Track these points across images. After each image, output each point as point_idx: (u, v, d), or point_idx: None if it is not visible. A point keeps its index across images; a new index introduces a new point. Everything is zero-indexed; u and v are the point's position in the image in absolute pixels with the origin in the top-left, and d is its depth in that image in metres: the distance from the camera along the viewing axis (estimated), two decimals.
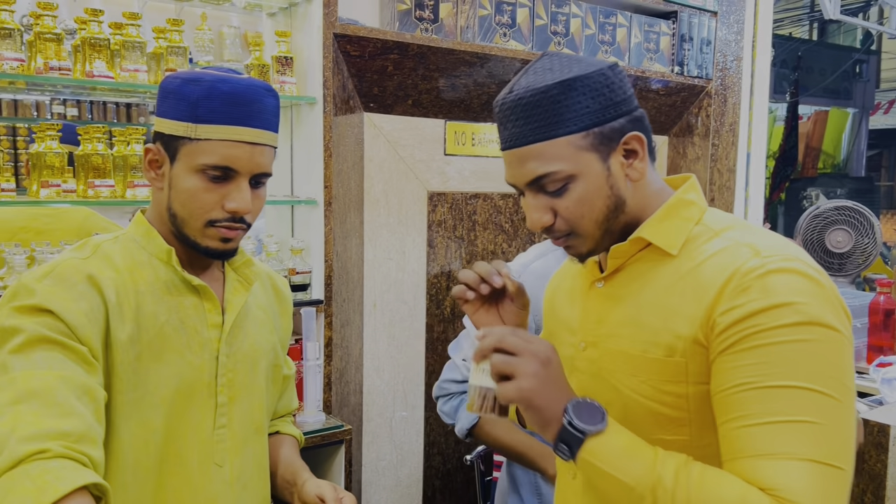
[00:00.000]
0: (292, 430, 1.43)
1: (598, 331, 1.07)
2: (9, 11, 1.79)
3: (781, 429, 0.87)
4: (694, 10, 2.98)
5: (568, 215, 1.00)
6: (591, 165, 0.98)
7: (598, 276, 1.09)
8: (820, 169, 9.71)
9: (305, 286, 2.24)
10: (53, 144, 1.85)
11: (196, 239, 1.12)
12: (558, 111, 0.97)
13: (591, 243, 1.03)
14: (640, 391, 1.01)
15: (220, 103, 1.08)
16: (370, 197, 2.33)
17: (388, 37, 2.20)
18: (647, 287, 1.02)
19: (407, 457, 2.49)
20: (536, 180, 0.99)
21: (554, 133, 0.97)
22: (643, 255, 1.05)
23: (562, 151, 0.97)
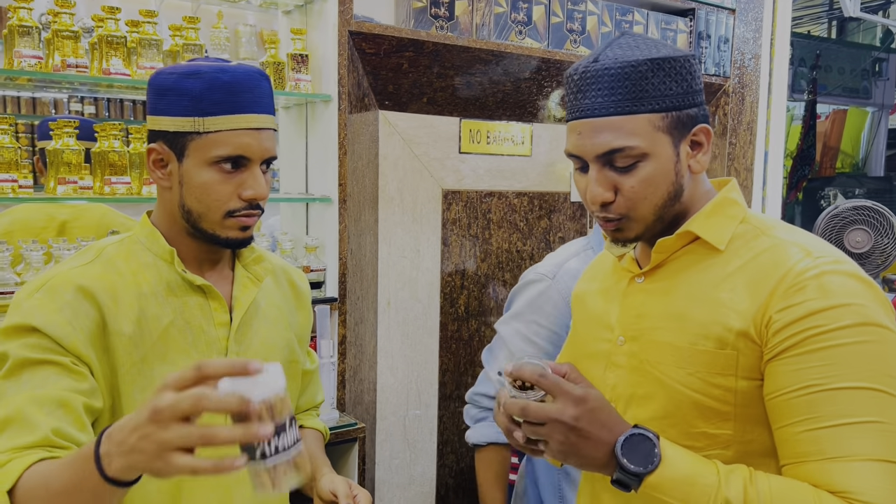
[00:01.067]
0: (316, 423, 1.41)
1: (640, 325, 1.07)
2: (27, 9, 1.80)
3: (849, 430, 0.87)
4: (711, 7, 2.96)
5: (631, 195, 0.99)
6: (664, 148, 0.99)
7: (636, 271, 1.10)
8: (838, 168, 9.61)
9: (320, 284, 2.24)
10: (71, 141, 1.86)
11: (215, 231, 1.12)
12: (644, 87, 0.97)
13: (642, 228, 1.02)
14: (686, 383, 1.00)
15: (223, 94, 1.07)
16: (385, 195, 2.32)
17: (404, 34, 2.19)
18: (693, 281, 1.02)
19: (420, 455, 2.48)
20: (609, 153, 0.98)
21: (637, 108, 0.97)
22: (687, 250, 1.05)
23: (641, 128, 0.97)
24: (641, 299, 1.08)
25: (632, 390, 1.07)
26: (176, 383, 0.79)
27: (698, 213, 1.04)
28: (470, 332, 2.54)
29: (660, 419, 1.03)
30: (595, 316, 1.17)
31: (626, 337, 1.09)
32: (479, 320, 2.54)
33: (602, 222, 1.04)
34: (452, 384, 2.52)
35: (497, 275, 2.57)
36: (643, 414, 1.05)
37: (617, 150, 0.97)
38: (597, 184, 1.00)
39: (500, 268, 2.58)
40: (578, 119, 1.00)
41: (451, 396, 2.53)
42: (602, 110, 0.98)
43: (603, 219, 1.03)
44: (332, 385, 2.21)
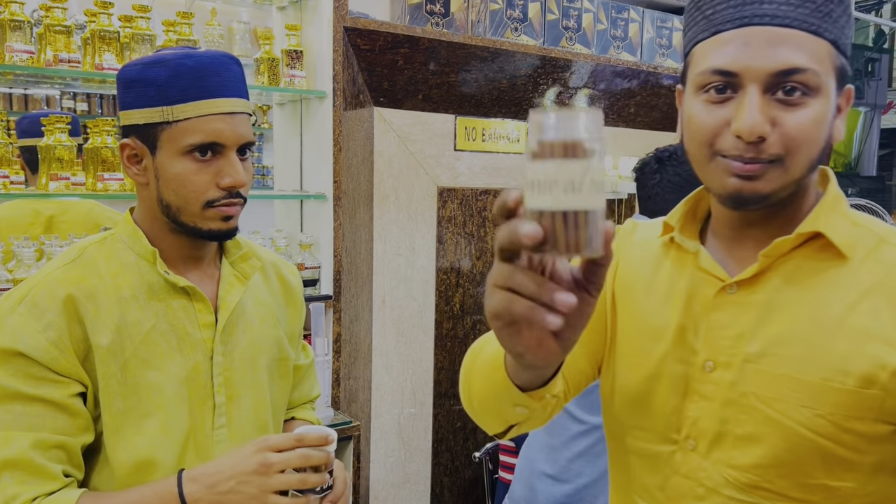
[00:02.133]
0: (308, 415, 1.39)
1: (739, 348, 0.85)
2: (19, 3, 1.79)
3: None
4: None
5: (795, 134, 0.78)
6: (831, 90, 0.80)
7: (726, 278, 0.87)
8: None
9: (314, 281, 2.23)
10: (63, 137, 1.84)
11: (196, 224, 1.09)
12: (829, 10, 0.79)
13: (782, 183, 0.80)
14: (813, 426, 0.81)
15: (189, 80, 1.04)
16: (380, 192, 2.31)
17: (399, 31, 2.18)
18: (817, 295, 0.83)
19: (415, 453, 2.47)
20: (785, 73, 0.77)
21: (822, 30, 0.78)
22: (802, 253, 0.85)
23: (823, 55, 0.78)
24: (738, 315, 0.86)
25: (724, 428, 0.86)
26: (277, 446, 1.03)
27: (820, 206, 0.84)
28: (465, 330, 2.53)
29: (768, 467, 0.84)
30: (657, 325, 0.93)
31: (718, 363, 0.87)
32: (474, 318, 2.54)
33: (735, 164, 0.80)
34: (447, 382, 2.51)
35: None
36: (743, 459, 0.85)
37: (797, 71, 0.77)
38: (759, 111, 0.78)
39: None
40: (748, 26, 0.79)
41: (446, 394, 2.52)
42: (788, 19, 0.78)
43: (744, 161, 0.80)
44: (326, 383, 2.20)
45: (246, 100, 1.10)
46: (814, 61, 0.78)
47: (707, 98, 0.82)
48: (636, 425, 0.95)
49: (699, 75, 0.82)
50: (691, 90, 0.85)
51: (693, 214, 0.95)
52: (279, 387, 1.27)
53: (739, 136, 0.79)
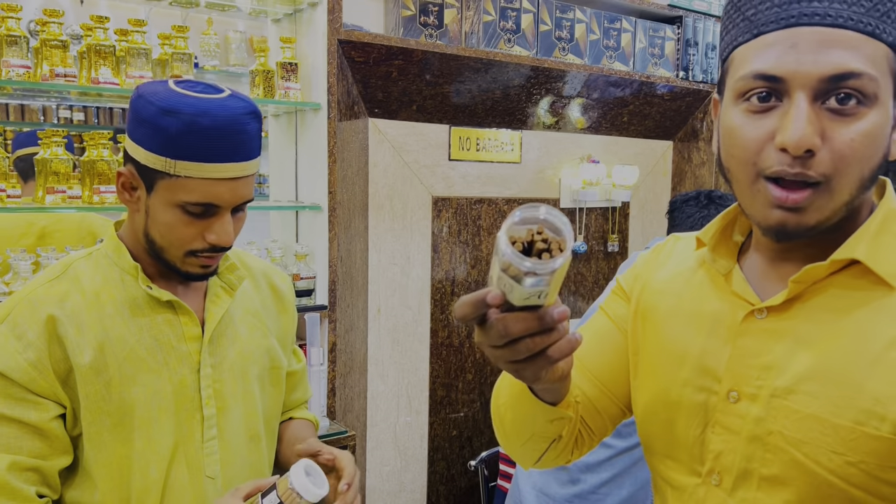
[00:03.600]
0: (305, 413, 1.39)
1: (766, 381, 0.77)
2: (15, 19, 1.80)
3: None
4: (699, 14, 2.98)
5: (847, 150, 0.69)
6: (888, 99, 0.71)
7: (757, 302, 0.80)
8: None
9: (310, 291, 2.24)
10: (59, 151, 1.85)
11: (176, 265, 1.09)
12: (889, 9, 0.70)
13: (830, 212, 0.72)
14: (844, 475, 0.72)
15: (200, 139, 1.01)
16: (375, 202, 2.33)
17: (393, 43, 2.20)
18: (854, 329, 0.74)
19: (411, 462, 2.48)
20: (838, 78, 0.68)
21: (880, 32, 0.69)
22: (838, 280, 0.76)
23: (881, 59, 0.69)
24: (767, 344, 0.78)
25: (750, 466, 0.79)
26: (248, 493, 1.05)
27: (862, 230, 0.75)
28: (460, 339, 2.55)
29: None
30: (682, 350, 0.86)
31: (742, 394, 0.79)
32: (469, 327, 2.55)
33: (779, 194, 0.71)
34: (443, 391, 2.52)
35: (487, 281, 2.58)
36: (770, 501, 0.78)
37: (851, 76, 0.68)
38: (808, 121, 0.68)
39: None
40: (795, 27, 0.70)
41: (442, 403, 2.53)
42: (841, 19, 0.69)
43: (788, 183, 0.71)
44: (322, 393, 2.21)
45: (256, 160, 1.08)
46: (870, 65, 0.68)
47: (748, 107, 0.73)
48: (663, 453, 0.89)
49: (739, 80, 0.73)
50: (730, 98, 0.75)
51: (731, 230, 0.87)
52: (271, 396, 1.27)
53: (784, 150, 0.69)
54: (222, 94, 1.04)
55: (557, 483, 1.80)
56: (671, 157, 3.19)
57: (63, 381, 1.04)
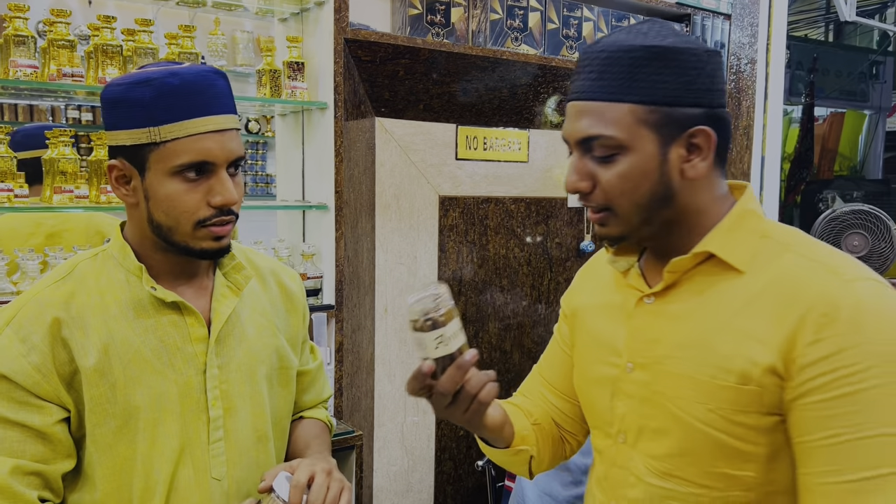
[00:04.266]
0: (316, 413, 1.37)
1: (652, 352, 0.98)
2: (23, 19, 1.81)
3: (869, 485, 0.81)
4: (707, 12, 2.96)
5: (608, 188, 0.92)
6: (646, 144, 0.91)
7: (645, 290, 1.00)
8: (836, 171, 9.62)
9: (316, 291, 2.24)
10: (67, 150, 1.86)
11: (187, 243, 1.07)
12: (634, 75, 0.89)
13: (627, 227, 0.95)
14: (706, 420, 0.91)
15: (175, 98, 1.01)
16: (381, 201, 2.33)
17: (400, 42, 2.19)
18: (711, 305, 0.93)
19: (418, 462, 2.48)
20: (586, 140, 0.92)
21: (620, 97, 0.90)
22: (702, 269, 0.96)
23: (622, 118, 0.90)
24: (652, 322, 0.98)
25: (643, 422, 0.98)
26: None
27: (716, 229, 0.94)
28: (467, 338, 2.54)
29: (676, 456, 0.95)
30: (597, 336, 1.07)
31: (636, 364, 0.99)
32: (476, 326, 2.54)
33: (590, 216, 0.98)
34: None
35: (494, 281, 2.57)
36: (657, 449, 0.97)
37: (593, 138, 0.91)
38: (574, 171, 0.94)
39: (497, 274, 2.58)
40: (570, 101, 0.95)
41: None
42: (586, 94, 0.92)
43: (589, 211, 0.97)
44: None
45: (234, 115, 1.09)
46: (610, 126, 0.90)
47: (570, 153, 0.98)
48: (592, 425, 1.11)
49: None
50: None
51: None
52: (280, 396, 1.25)
53: None
54: (184, 64, 1.07)
55: (560, 484, 1.79)
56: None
57: (67, 384, 1.04)
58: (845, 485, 0.82)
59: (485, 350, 2.57)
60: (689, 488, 0.94)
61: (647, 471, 0.98)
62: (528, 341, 2.67)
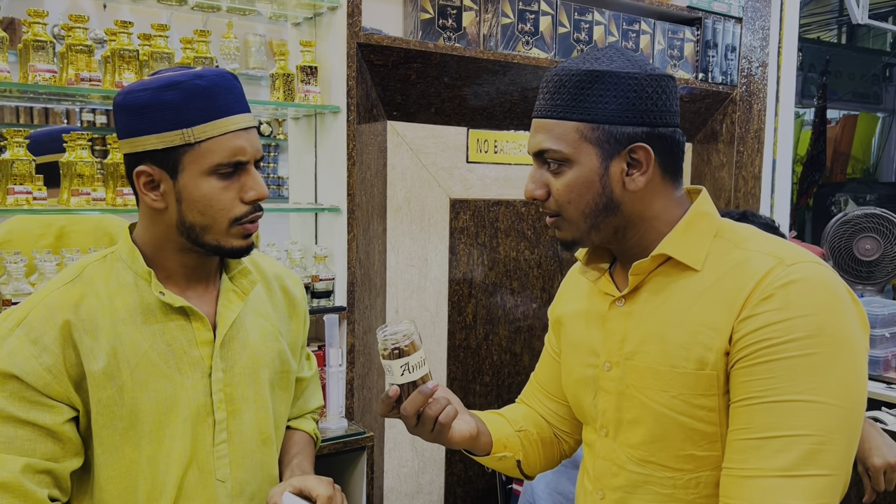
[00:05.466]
0: (304, 425, 1.38)
1: (623, 350, 1.07)
2: (42, 24, 1.83)
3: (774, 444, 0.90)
4: (718, 16, 2.96)
5: (557, 196, 1.04)
6: (589, 158, 1.01)
7: (615, 294, 1.09)
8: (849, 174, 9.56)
9: (328, 293, 2.26)
10: (84, 154, 1.88)
11: (220, 242, 1.10)
12: (579, 97, 1.00)
13: (576, 232, 1.06)
14: (671, 406, 1.00)
15: (205, 100, 1.04)
16: (393, 204, 2.34)
17: (412, 46, 2.21)
18: (669, 302, 1.02)
19: (429, 464, 2.49)
20: (540, 153, 1.04)
21: (567, 115, 1.01)
22: (662, 270, 1.05)
23: (568, 135, 1.01)
24: (622, 323, 1.08)
25: (620, 415, 1.08)
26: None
27: (672, 233, 1.03)
28: (478, 341, 2.55)
29: (649, 444, 1.04)
30: (578, 340, 1.17)
31: (612, 363, 1.09)
32: (486, 328, 2.56)
33: (547, 220, 1.09)
34: (460, 392, 2.53)
35: (505, 283, 2.58)
36: (633, 439, 1.06)
37: (545, 151, 1.03)
38: (531, 180, 1.06)
39: (507, 276, 2.59)
40: (533, 118, 1.07)
41: None
42: (541, 112, 1.04)
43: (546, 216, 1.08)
44: (340, 394, 2.23)
45: (251, 115, 1.12)
46: (557, 142, 1.01)
47: None
48: (582, 421, 1.20)
49: None
50: None
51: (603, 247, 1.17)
52: (281, 399, 1.27)
53: None
54: (198, 68, 1.10)
55: (570, 482, 1.80)
56: (691, 159, 3.17)
57: (77, 386, 1.05)
58: (750, 441, 0.92)
59: (495, 352, 2.58)
60: (664, 472, 1.03)
61: (627, 459, 1.07)
62: (538, 344, 2.68)
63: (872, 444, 1.54)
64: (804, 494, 0.88)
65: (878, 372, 2.52)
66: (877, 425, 1.62)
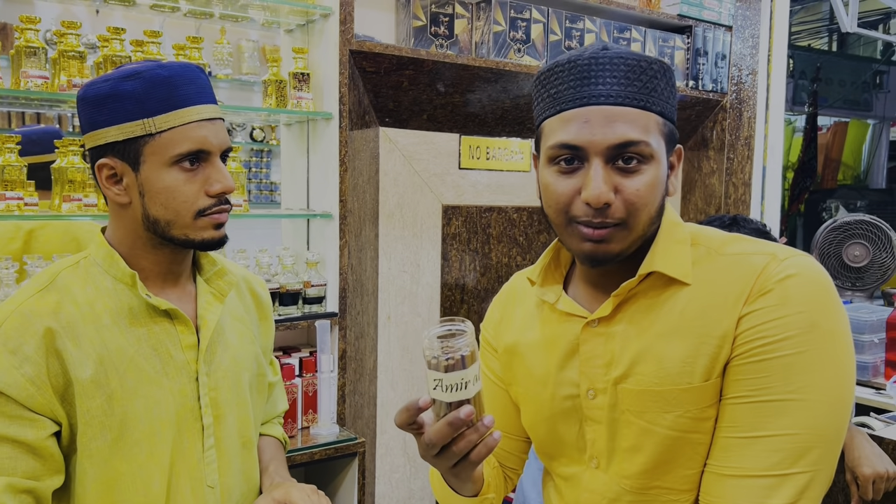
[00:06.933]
0: (273, 430, 1.37)
1: (609, 374, 0.97)
2: (34, 30, 1.84)
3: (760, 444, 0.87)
4: (709, 24, 2.99)
5: (635, 198, 0.89)
6: (662, 154, 0.92)
7: (585, 315, 0.99)
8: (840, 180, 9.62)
9: (320, 299, 2.26)
10: (75, 159, 1.89)
11: (188, 235, 1.07)
12: (654, 86, 0.91)
13: (630, 244, 0.93)
14: (678, 426, 0.93)
15: (167, 89, 1.01)
16: (385, 210, 2.35)
17: (404, 53, 2.22)
18: (661, 319, 0.95)
19: (420, 469, 2.49)
20: (622, 146, 0.88)
21: (651, 105, 0.90)
22: (645, 286, 0.97)
23: (652, 126, 0.90)
24: (604, 346, 0.98)
25: (614, 444, 0.99)
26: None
27: (654, 247, 0.95)
28: None
29: (651, 470, 0.96)
30: (544, 373, 1.05)
31: (596, 390, 0.99)
32: (477, 335, 2.56)
33: (586, 230, 0.91)
34: None
35: (497, 289, 2.59)
36: (632, 468, 0.98)
37: (631, 144, 0.88)
38: (602, 181, 0.88)
39: (499, 282, 2.60)
40: (587, 106, 0.89)
41: None
42: (620, 98, 0.88)
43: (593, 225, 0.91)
44: (332, 400, 2.23)
45: (217, 106, 1.10)
46: (645, 133, 0.89)
47: (558, 169, 0.93)
48: (555, 454, 1.08)
49: (549, 149, 0.93)
50: (544, 161, 0.96)
51: (556, 264, 1.07)
52: (258, 403, 1.26)
53: (588, 204, 0.90)
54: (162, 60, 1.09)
55: None
56: (681, 167, 3.19)
57: (61, 397, 1.01)
58: (735, 439, 0.89)
59: None
60: (670, 495, 0.97)
61: (623, 490, 0.99)
62: None
63: (862, 454, 1.55)
64: (788, 493, 0.85)
65: (867, 377, 2.53)
66: (866, 433, 1.63)
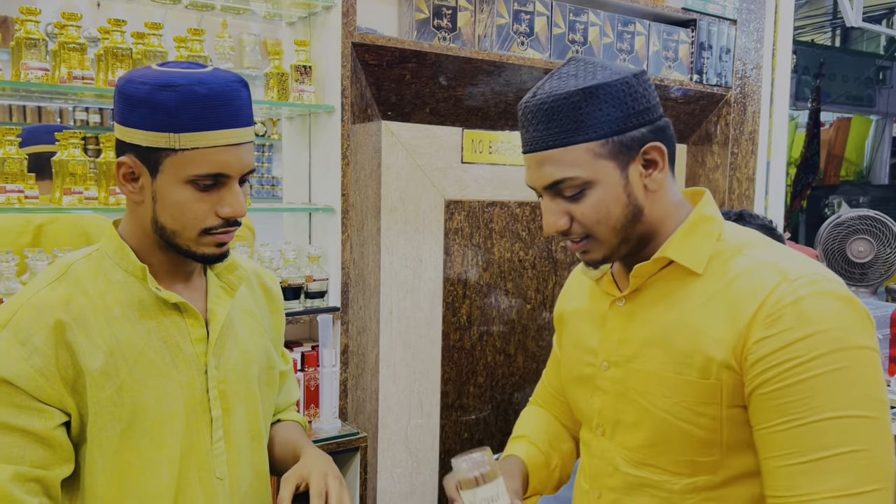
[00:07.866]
0: (293, 415, 1.38)
1: (622, 350, 1.07)
2: (34, 22, 1.82)
3: (826, 464, 0.88)
4: (713, 18, 2.97)
5: (584, 220, 1.01)
6: (608, 173, 0.99)
7: (616, 294, 1.09)
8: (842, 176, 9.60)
9: (322, 293, 2.25)
10: (76, 152, 1.87)
11: (190, 248, 1.07)
12: (578, 118, 0.97)
13: (608, 249, 1.03)
14: (673, 412, 1.00)
15: (200, 108, 1.00)
16: (387, 204, 2.34)
17: (407, 46, 2.21)
18: (673, 307, 1.02)
19: (422, 464, 2.49)
20: (554, 185, 1.00)
21: (573, 139, 0.98)
22: (665, 273, 1.04)
23: (579, 158, 0.98)
24: (623, 324, 1.07)
25: (618, 416, 1.07)
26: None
27: (674, 236, 1.03)
28: (472, 342, 2.55)
29: (648, 447, 1.04)
30: (578, 338, 1.17)
31: (610, 362, 1.08)
32: (480, 329, 2.55)
33: (571, 247, 1.05)
34: (454, 393, 2.53)
35: (499, 284, 2.58)
36: (632, 441, 1.06)
37: (559, 182, 0.99)
38: (550, 213, 1.02)
39: (501, 277, 2.59)
40: (525, 153, 1.03)
41: (453, 405, 2.53)
42: (541, 144, 1.00)
43: (571, 243, 1.05)
44: (334, 394, 2.22)
45: (252, 127, 1.08)
46: (571, 168, 0.98)
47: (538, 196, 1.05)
48: (580, 419, 1.20)
49: None
50: None
51: None
52: (267, 396, 1.27)
53: None
54: (208, 68, 1.05)
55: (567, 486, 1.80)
56: (685, 161, 3.18)
57: (71, 388, 1.02)
58: (803, 465, 0.90)
59: (489, 353, 2.58)
60: (661, 475, 1.03)
61: (622, 461, 1.07)
62: (532, 345, 2.68)
63: None
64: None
65: None
66: None
